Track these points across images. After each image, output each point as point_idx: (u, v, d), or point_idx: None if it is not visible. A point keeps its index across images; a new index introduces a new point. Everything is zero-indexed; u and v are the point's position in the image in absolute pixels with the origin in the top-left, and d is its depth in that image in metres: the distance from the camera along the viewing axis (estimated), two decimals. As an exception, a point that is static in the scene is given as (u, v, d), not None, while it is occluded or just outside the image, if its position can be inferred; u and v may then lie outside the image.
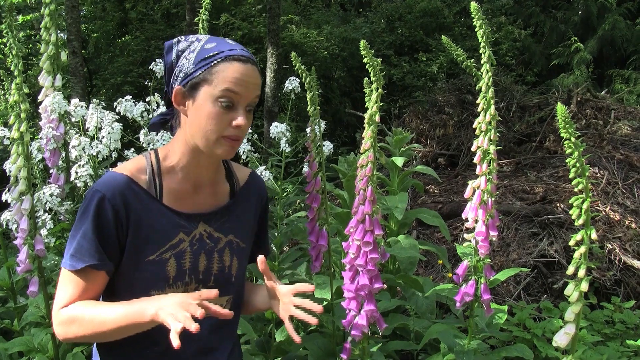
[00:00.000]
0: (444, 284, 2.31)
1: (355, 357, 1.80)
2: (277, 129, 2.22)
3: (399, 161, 3.13)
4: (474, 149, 1.81)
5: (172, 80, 1.20)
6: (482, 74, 1.78)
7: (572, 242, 1.50)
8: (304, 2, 10.96)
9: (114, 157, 2.18)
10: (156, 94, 2.42)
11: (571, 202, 1.48)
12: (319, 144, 2.07)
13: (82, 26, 9.32)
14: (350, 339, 1.77)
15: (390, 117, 6.93)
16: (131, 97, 2.32)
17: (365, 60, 1.61)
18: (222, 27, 8.57)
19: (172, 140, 1.25)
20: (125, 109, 2.26)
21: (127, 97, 2.31)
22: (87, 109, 2.27)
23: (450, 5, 9.51)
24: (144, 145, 2.26)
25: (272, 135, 2.24)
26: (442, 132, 6.12)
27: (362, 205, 1.66)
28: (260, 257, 1.20)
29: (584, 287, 1.49)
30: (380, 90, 1.60)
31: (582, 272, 1.48)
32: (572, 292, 1.52)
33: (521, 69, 8.51)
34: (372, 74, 1.61)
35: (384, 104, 2.01)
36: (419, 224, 4.55)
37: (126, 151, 2.31)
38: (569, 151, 1.43)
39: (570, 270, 1.50)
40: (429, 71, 8.06)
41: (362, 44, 1.61)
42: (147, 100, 2.38)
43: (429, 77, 8.00)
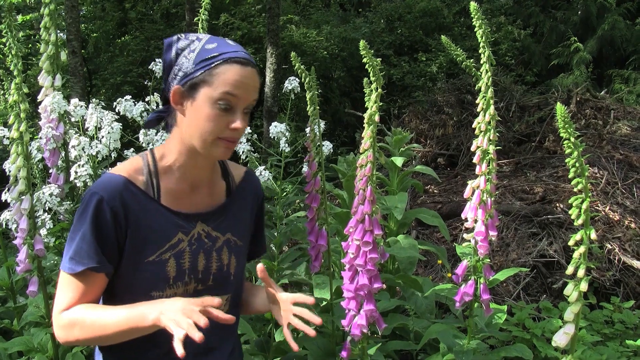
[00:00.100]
0: (443, 284, 2.31)
1: (354, 357, 1.80)
2: (277, 128, 2.23)
3: (399, 161, 3.13)
4: (473, 148, 1.81)
5: (171, 78, 1.19)
6: (481, 74, 1.79)
7: (571, 242, 1.50)
8: (303, 2, 10.96)
9: (113, 157, 2.18)
10: (156, 93, 2.42)
11: (571, 202, 1.48)
12: (319, 143, 2.07)
13: (82, 26, 9.31)
14: (349, 338, 1.77)
15: (389, 117, 6.94)
16: (131, 97, 2.32)
17: (364, 60, 1.61)
18: (221, 27, 8.56)
19: (168, 139, 1.24)
20: (124, 109, 2.26)
21: (127, 97, 2.31)
22: (87, 108, 2.27)
23: (449, 5, 9.52)
24: (144, 145, 2.26)
25: (271, 135, 2.24)
26: (441, 132, 6.13)
27: (362, 205, 1.66)
28: (259, 266, 1.20)
29: (584, 287, 1.49)
30: (379, 90, 1.60)
31: (581, 272, 1.48)
32: (571, 292, 1.52)
33: (521, 69, 8.51)
34: (371, 74, 1.61)
35: (384, 104, 2.01)
36: (418, 223, 4.55)
37: (126, 151, 2.31)
38: (568, 151, 1.43)
39: (569, 270, 1.50)
40: (429, 71, 8.07)
41: (362, 44, 1.61)
42: (146, 100, 2.38)
43: (429, 77, 8.00)
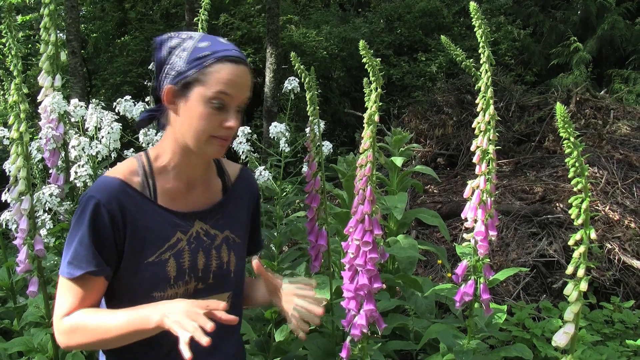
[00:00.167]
0: (443, 283, 2.31)
1: (354, 357, 1.80)
2: (277, 129, 2.23)
3: (398, 161, 3.13)
4: (473, 148, 1.81)
5: (163, 77, 1.18)
6: (481, 73, 1.79)
7: (571, 242, 1.50)
8: (303, 2, 10.96)
9: (113, 157, 2.18)
10: (155, 94, 2.41)
11: (570, 201, 1.48)
12: (318, 143, 2.07)
13: (82, 26, 9.31)
14: (349, 338, 1.77)
15: (389, 117, 6.94)
16: (130, 97, 2.32)
17: (364, 60, 1.62)
18: (221, 27, 8.56)
19: (161, 139, 1.24)
20: (124, 109, 2.27)
21: (127, 97, 2.31)
22: (87, 109, 2.27)
23: (449, 5, 9.52)
24: (143, 145, 2.26)
25: (271, 135, 2.24)
26: (441, 132, 6.12)
27: (362, 205, 1.66)
28: (254, 262, 1.20)
29: (583, 286, 1.49)
30: (379, 90, 1.60)
31: (581, 272, 1.48)
32: (571, 291, 1.52)
33: (520, 69, 8.51)
34: (371, 74, 1.61)
35: (383, 104, 2.01)
36: (418, 223, 4.55)
37: (126, 151, 2.31)
38: (568, 151, 1.43)
39: (569, 269, 1.50)
40: (428, 71, 8.07)
41: (362, 44, 1.61)
42: (146, 100, 2.38)
43: (428, 77, 8.00)
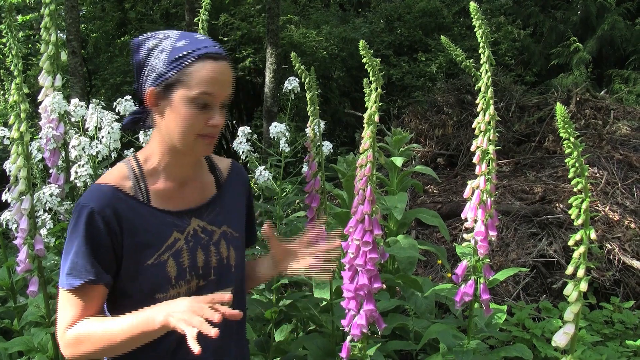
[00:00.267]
0: (443, 284, 2.32)
1: (354, 357, 1.80)
2: (277, 129, 2.23)
3: (398, 161, 3.13)
4: (473, 149, 1.81)
5: (143, 79, 1.17)
6: (481, 74, 1.79)
7: (571, 242, 1.50)
8: (303, 2, 10.96)
9: (113, 157, 2.18)
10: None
11: (570, 202, 1.49)
12: (319, 144, 2.08)
13: (82, 26, 9.31)
14: (349, 338, 1.77)
15: (389, 117, 6.94)
16: (130, 97, 2.32)
17: (364, 60, 1.62)
18: (221, 27, 8.55)
19: (149, 141, 1.24)
20: (124, 109, 2.26)
21: (127, 97, 2.31)
22: (87, 109, 2.27)
23: (449, 5, 9.51)
24: (144, 145, 2.26)
25: (271, 135, 2.24)
26: (441, 132, 6.12)
27: (362, 205, 1.66)
28: (265, 226, 1.28)
29: (583, 287, 1.49)
30: (379, 90, 1.61)
31: (581, 272, 1.48)
32: (571, 292, 1.52)
33: (520, 69, 8.51)
34: (371, 74, 1.61)
35: (383, 104, 2.01)
36: (418, 223, 4.55)
37: (126, 151, 2.31)
38: (568, 151, 1.43)
39: (569, 270, 1.51)
40: (428, 71, 8.06)
41: (361, 44, 1.61)
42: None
43: (428, 77, 8.00)
